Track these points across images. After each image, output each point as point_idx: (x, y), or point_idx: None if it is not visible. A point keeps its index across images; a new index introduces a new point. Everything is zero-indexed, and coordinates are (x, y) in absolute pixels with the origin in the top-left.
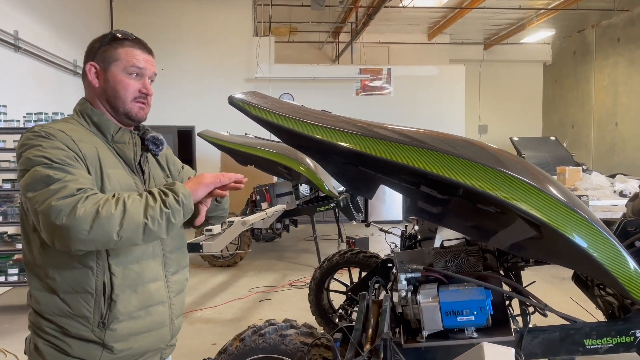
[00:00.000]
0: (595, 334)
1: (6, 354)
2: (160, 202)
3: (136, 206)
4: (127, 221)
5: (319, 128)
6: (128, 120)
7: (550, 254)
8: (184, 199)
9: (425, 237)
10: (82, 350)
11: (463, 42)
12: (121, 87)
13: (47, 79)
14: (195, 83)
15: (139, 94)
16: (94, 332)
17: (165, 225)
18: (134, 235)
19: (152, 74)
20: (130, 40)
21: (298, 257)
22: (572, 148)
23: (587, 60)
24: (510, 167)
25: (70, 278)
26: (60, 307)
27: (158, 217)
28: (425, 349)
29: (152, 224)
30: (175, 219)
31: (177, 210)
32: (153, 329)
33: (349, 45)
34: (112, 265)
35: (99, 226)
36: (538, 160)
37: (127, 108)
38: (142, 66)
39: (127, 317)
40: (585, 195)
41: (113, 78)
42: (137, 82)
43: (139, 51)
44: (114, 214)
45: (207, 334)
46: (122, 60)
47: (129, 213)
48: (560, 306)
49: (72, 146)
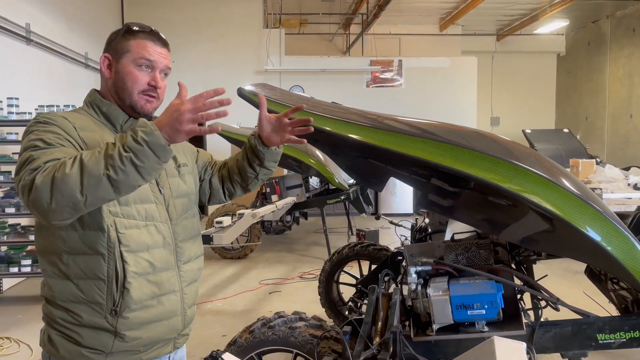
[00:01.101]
0: (608, 328)
1: (20, 344)
2: (119, 147)
3: (94, 160)
4: (87, 177)
5: (329, 120)
6: (133, 113)
7: (563, 247)
8: (144, 136)
9: (435, 230)
10: (94, 339)
11: (475, 33)
12: (129, 79)
13: (59, 71)
14: (205, 75)
15: (147, 87)
16: (107, 319)
17: (134, 170)
18: (99, 191)
19: (165, 67)
20: (144, 32)
21: (308, 249)
22: (585, 140)
23: (601, 51)
24: (523, 159)
25: (82, 263)
26: (73, 293)
27: (119, 164)
28: (435, 343)
29: (115, 173)
30: (142, 162)
31: (139, 150)
32: (164, 319)
33: (359, 37)
34: (124, 252)
35: (57, 191)
36: (551, 152)
37: (133, 100)
38: (153, 59)
39: (139, 306)
40: (599, 188)
41: (123, 69)
42: (146, 75)
43: (152, 44)
44: (69, 174)
45: (217, 325)
46: (133, 52)
47: (86, 169)
48: (572, 300)
49: (70, 131)
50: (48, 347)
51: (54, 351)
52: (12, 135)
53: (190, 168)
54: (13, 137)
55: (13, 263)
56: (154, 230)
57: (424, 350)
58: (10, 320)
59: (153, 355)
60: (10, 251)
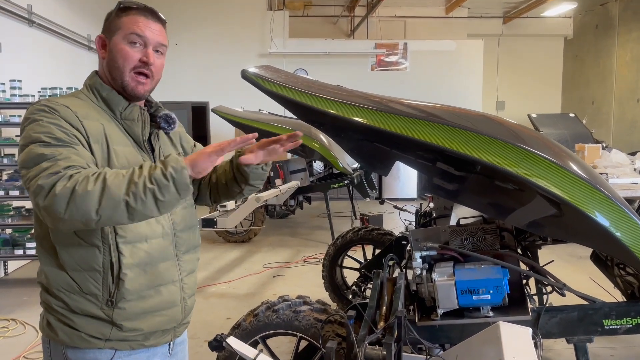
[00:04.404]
0: (614, 314)
1: (25, 326)
2: (145, 177)
3: (118, 182)
4: (106, 199)
5: (333, 102)
6: (125, 94)
7: (570, 232)
8: (174, 173)
9: (440, 215)
10: (91, 328)
11: (482, 16)
12: (120, 56)
13: (61, 53)
14: (208, 58)
15: (138, 64)
16: (103, 310)
17: (153, 203)
18: (115, 214)
19: (157, 44)
20: (136, 9)
21: (312, 233)
22: (591, 125)
23: (609, 35)
24: (531, 143)
25: (77, 256)
26: (69, 284)
27: (141, 193)
28: (439, 327)
29: (135, 201)
30: (163, 196)
31: (164, 185)
32: (164, 309)
33: (364, 20)
34: (120, 244)
35: (74, 205)
36: (556, 137)
37: (125, 81)
38: (144, 34)
39: (135, 297)
40: (605, 173)
41: (114, 47)
42: (137, 52)
43: (144, 19)
44: (90, 192)
45: (222, 308)
46: (124, 28)
47: (108, 190)
48: (578, 285)
49: (74, 123)
50: (47, 331)
51: (53, 335)
52: (15, 118)
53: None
54: (16, 119)
55: (18, 245)
56: (153, 220)
57: (428, 334)
58: (15, 302)
59: (152, 343)
60: (15, 234)
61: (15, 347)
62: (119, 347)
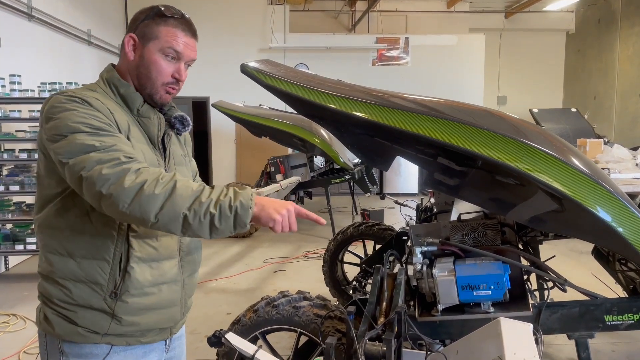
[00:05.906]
0: (616, 310)
1: (26, 321)
2: (212, 201)
3: (185, 193)
4: (169, 206)
5: (333, 97)
6: (150, 100)
7: (572, 227)
8: (239, 209)
9: (441, 210)
10: (90, 320)
11: (483, 11)
12: (154, 68)
13: (61, 48)
14: (209, 53)
15: (170, 79)
16: (106, 301)
17: (208, 227)
18: (171, 224)
19: (190, 60)
20: (175, 19)
21: (312, 229)
22: (593, 120)
23: (611, 29)
24: (532, 137)
25: (89, 244)
26: (74, 271)
27: (202, 214)
28: (440, 323)
29: (193, 218)
30: (220, 224)
31: (225, 216)
32: (163, 307)
33: (365, 14)
34: (131, 237)
35: (138, 202)
36: (558, 132)
37: (154, 91)
38: (181, 50)
39: (139, 292)
40: (607, 168)
41: (149, 56)
42: (171, 66)
43: (182, 33)
44: (157, 195)
45: (222, 303)
46: (162, 39)
47: (174, 197)
48: (579, 281)
49: (108, 115)
50: (44, 325)
51: (50, 329)
52: (15, 113)
53: (189, 159)
54: (16, 114)
55: (18, 241)
56: None
57: (428, 330)
58: (16, 297)
59: (149, 340)
60: (15, 229)
61: (16, 342)
62: (116, 342)
